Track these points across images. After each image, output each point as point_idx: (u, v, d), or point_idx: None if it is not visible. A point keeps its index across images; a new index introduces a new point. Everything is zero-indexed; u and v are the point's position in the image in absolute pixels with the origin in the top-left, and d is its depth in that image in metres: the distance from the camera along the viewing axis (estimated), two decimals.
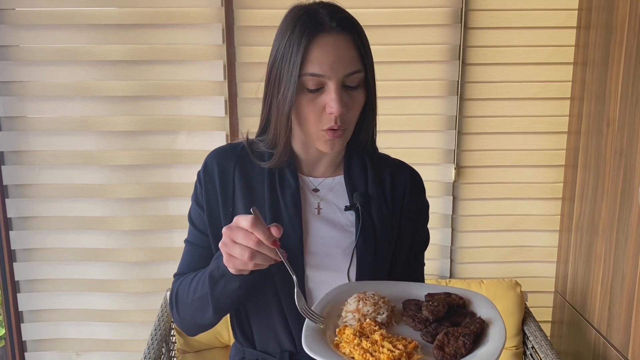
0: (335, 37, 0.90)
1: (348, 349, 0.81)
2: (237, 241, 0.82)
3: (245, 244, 0.82)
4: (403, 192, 1.07)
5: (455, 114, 1.95)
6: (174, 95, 1.93)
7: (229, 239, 0.83)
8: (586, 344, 1.81)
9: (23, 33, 1.87)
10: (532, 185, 2.02)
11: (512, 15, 1.90)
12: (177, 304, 1.02)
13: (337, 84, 0.90)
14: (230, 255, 0.84)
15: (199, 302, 0.95)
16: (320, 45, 0.89)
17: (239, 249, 0.82)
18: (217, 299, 0.92)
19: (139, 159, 1.97)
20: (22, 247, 2.01)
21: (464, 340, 0.80)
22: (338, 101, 0.89)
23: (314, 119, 0.93)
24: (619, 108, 1.60)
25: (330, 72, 0.89)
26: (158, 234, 2.03)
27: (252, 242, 0.81)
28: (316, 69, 0.89)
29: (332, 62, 0.89)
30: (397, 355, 0.77)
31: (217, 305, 0.93)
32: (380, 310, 0.87)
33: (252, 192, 1.01)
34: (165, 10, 1.87)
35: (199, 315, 0.97)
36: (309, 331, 0.84)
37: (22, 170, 1.96)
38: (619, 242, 1.59)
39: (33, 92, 1.91)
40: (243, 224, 0.82)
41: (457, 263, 2.08)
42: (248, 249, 0.82)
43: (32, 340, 2.10)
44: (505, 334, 0.82)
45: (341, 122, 0.92)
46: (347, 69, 0.90)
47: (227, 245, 0.84)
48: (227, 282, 0.89)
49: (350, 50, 0.91)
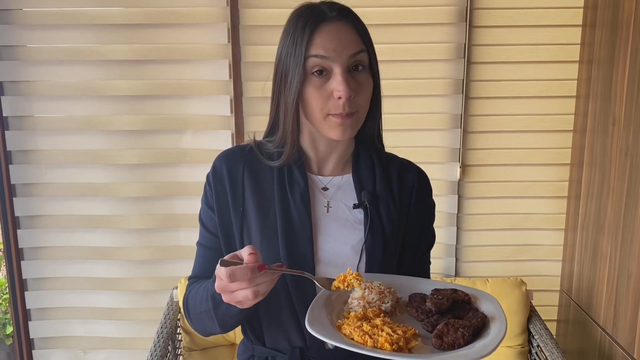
0: (336, 24, 0.94)
1: (349, 330, 0.82)
2: (234, 289, 0.82)
3: (241, 288, 0.81)
4: (410, 191, 1.07)
5: (461, 113, 1.95)
6: (180, 95, 1.94)
7: (226, 292, 0.83)
8: (592, 343, 1.81)
9: (30, 33, 1.89)
10: (537, 184, 2.02)
11: (517, 14, 1.89)
12: (188, 310, 1.04)
13: (343, 67, 0.92)
14: (237, 302, 0.84)
15: (206, 316, 0.97)
16: (323, 33, 0.93)
17: (242, 294, 0.82)
18: (221, 319, 0.94)
19: (145, 158, 1.98)
20: (29, 245, 2.03)
21: (463, 332, 0.80)
22: (345, 84, 0.91)
23: (321, 106, 0.94)
24: (624, 106, 1.59)
25: (334, 54, 0.92)
26: (164, 233, 2.04)
27: (246, 283, 0.80)
28: (320, 51, 0.92)
29: (335, 46, 0.92)
30: (395, 340, 0.78)
31: (223, 324, 0.96)
32: (385, 299, 0.89)
33: (261, 192, 1.02)
34: (170, 9, 1.88)
35: (208, 325, 0.99)
36: (313, 312, 0.86)
37: (29, 170, 1.97)
38: (624, 240, 1.59)
39: (40, 91, 1.93)
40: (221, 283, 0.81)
41: (462, 261, 2.08)
42: (249, 290, 0.81)
43: (40, 338, 2.12)
44: (505, 329, 0.83)
45: (350, 107, 0.93)
46: (350, 49, 0.93)
47: (229, 297, 0.83)
48: (228, 306, 0.89)
49: (352, 34, 0.94)
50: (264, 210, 1.01)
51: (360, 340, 0.80)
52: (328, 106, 0.93)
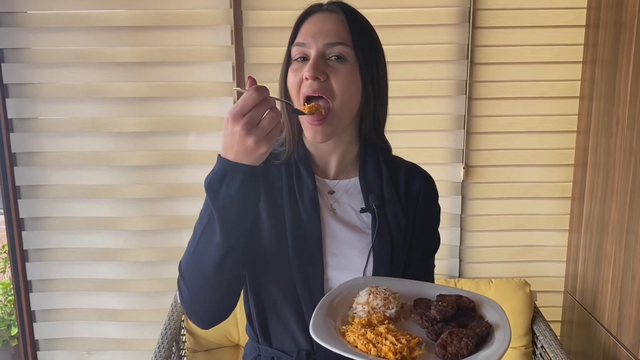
0: (324, 14, 0.97)
1: (352, 337, 0.82)
2: (260, 117, 0.81)
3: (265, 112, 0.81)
4: (417, 195, 1.08)
5: (464, 114, 1.95)
6: (184, 96, 1.95)
7: (251, 126, 0.81)
8: (596, 344, 1.80)
9: (34, 35, 1.90)
10: (541, 185, 2.02)
11: (521, 15, 1.89)
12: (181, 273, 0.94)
13: (317, 52, 0.94)
14: (266, 136, 0.81)
15: (204, 239, 0.89)
16: (309, 21, 0.97)
17: (267, 120, 0.81)
18: (222, 209, 0.85)
19: (149, 159, 1.99)
20: (34, 247, 2.04)
21: (466, 341, 0.80)
22: (312, 65, 0.93)
23: (296, 88, 0.96)
24: (628, 107, 1.59)
25: (311, 40, 0.95)
26: (168, 234, 2.04)
27: (267, 105, 0.81)
28: (301, 39, 0.96)
29: (314, 33, 0.95)
30: (399, 349, 0.78)
31: (224, 219, 0.86)
32: (390, 305, 0.89)
33: (271, 194, 1.02)
34: (174, 12, 1.88)
35: (206, 257, 0.89)
36: (318, 318, 0.86)
37: (34, 171, 1.98)
38: (628, 241, 1.59)
39: (44, 94, 1.94)
40: (249, 103, 0.81)
41: (466, 262, 2.08)
42: (272, 112, 0.82)
43: (44, 339, 2.12)
44: (509, 340, 0.82)
45: (320, 90, 0.94)
46: (328, 39, 0.95)
47: (256, 132, 0.81)
48: (229, 182, 0.84)
49: (337, 25, 0.96)
50: (273, 208, 1.01)
51: (363, 349, 0.80)
52: (302, 90, 0.95)
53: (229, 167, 0.84)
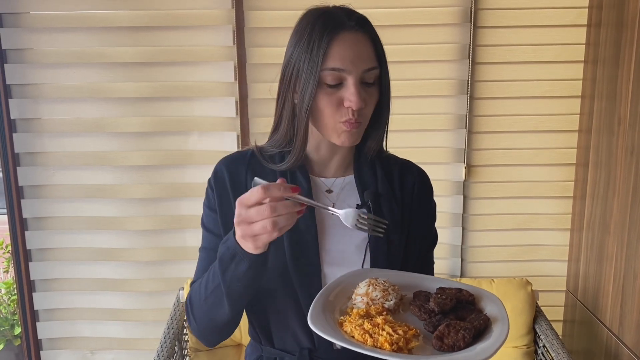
0: (355, 35, 0.94)
1: (350, 328, 0.83)
2: (254, 220, 0.81)
3: (262, 217, 0.81)
4: (411, 191, 1.09)
5: (466, 113, 1.95)
6: (186, 97, 1.95)
7: (244, 223, 0.82)
8: (598, 343, 1.80)
9: (37, 36, 1.90)
10: (542, 184, 2.02)
11: (522, 14, 1.89)
12: (192, 308, 1.02)
13: (357, 79, 0.93)
14: (253, 236, 0.83)
15: (212, 297, 0.95)
16: (341, 42, 0.93)
17: (259, 226, 0.81)
18: (229, 285, 0.90)
19: (151, 159, 1.99)
20: (37, 247, 2.05)
21: (463, 334, 0.80)
22: (357, 95, 0.92)
23: (331, 113, 0.95)
24: (630, 106, 1.59)
25: (351, 67, 0.92)
26: (170, 234, 2.05)
27: (267, 211, 0.80)
28: (337, 64, 0.92)
29: (352, 58, 0.92)
30: (396, 340, 0.79)
31: (230, 292, 0.91)
32: (389, 297, 0.90)
33: None
34: (176, 12, 1.89)
35: (214, 311, 0.96)
36: (316, 308, 0.86)
37: (37, 171, 1.99)
38: (630, 240, 1.59)
39: (47, 94, 1.94)
40: (252, 199, 0.81)
41: (467, 262, 2.08)
42: (268, 220, 0.80)
43: (48, 338, 2.13)
44: (507, 333, 0.82)
45: (358, 116, 0.95)
46: (366, 64, 0.94)
47: (245, 229, 0.82)
48: (237, 264, 0.87)
49: (368, 47, 0.95)
50: None
51: (360, 339, 0.80)
52: (339, 114, 0.95)
53: (239, 250, 0.87)
